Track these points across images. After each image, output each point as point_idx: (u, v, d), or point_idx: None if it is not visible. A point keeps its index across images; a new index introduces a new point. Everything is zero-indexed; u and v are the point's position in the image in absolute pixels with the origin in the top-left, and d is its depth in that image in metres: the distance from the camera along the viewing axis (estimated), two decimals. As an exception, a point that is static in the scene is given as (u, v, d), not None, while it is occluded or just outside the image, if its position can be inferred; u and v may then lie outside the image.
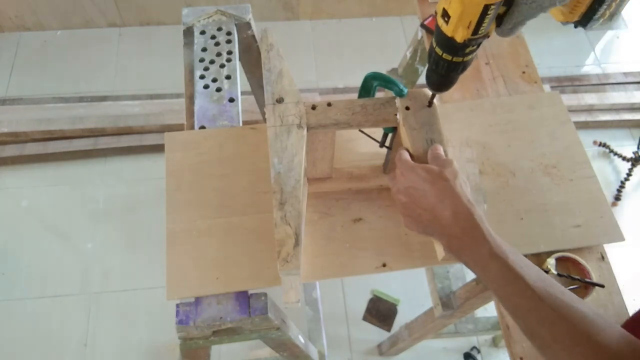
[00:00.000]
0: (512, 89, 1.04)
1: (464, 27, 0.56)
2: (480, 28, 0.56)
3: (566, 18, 0.65)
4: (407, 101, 0.72)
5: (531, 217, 0.87)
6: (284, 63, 0.65)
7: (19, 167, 1.87)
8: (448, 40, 0.59)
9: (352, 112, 0.71)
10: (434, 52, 0.62)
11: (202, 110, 0.91)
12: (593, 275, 0.83)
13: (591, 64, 2.26)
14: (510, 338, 0.80)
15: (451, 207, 0.61)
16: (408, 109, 0.71)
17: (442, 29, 0.59)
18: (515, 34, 0.61)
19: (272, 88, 0.67)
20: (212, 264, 0.78)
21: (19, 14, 2.10)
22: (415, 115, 0.72)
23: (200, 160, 0.87)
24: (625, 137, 0.85)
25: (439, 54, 0.61)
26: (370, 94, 0.75)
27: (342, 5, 2.23)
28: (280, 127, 0.69)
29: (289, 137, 0.69)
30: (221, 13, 1.02)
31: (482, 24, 0.55)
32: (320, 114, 0.71)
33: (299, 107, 0.70)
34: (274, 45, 0.63)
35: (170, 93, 1.97)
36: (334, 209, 0.84)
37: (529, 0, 0.56)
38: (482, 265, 0.59)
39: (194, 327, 0.74)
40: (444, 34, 0.59)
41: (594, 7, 0.63)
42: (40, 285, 1.66)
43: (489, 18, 0.55)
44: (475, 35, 0.57)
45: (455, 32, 0.57)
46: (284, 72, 0.67)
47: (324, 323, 1.54)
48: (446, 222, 0.61)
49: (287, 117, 0.70)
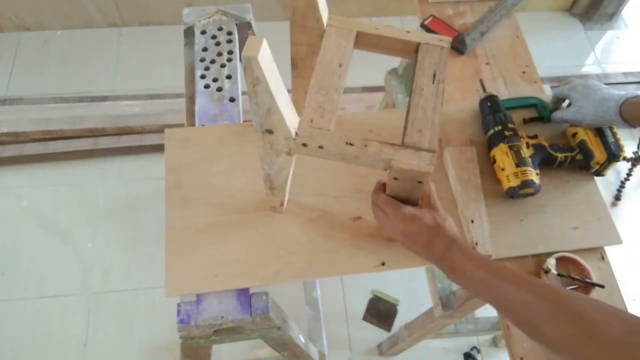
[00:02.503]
0: (512, 89, 1.04)
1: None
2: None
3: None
4: (399, 173, 0.66)
5: (530, 218, 0.87)
6: (273, 100, 0.57)
7: (19, 167, 1.87)
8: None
9: (342, 157, 0.67)
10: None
11: (203, 110, 0.92)
12: (593, 276, 0.83)
13: (591, 64, 2.26)
14: (510, 338, 0.80)
15: (443, 243, 0.68)
16: (396, 180, 0.67)
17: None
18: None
19: (260, 120, 0.61)
20: (211, 262, 0.78)
21: (19, 14, 2.10)
22: (402, 186, 0.69)
23: (200, 157, 0.87)
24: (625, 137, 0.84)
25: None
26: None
27: (342, 6, 2.23)
28: (270, 150, 0.67)
29: (278, 157, 0.68)
30: (222, 13, 1.02)
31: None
32: (311, 151, 0.67)
33: (288, 142, 0.65)
34: (261, 80, 0.53)
35: (170, 93, 1.97)
36: (334, 207, 0.84)
37: None
38: (460, 271, 0.66)
39: (195, 326, 0.74)
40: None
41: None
42: (40, 285, 1.66)
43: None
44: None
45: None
46: (274, 110, 0.59)
47: (324, 323, 1.54)
48: (438, 253, 0.69)
49: (277, 145, 0.66)
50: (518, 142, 0.87)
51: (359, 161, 0.66)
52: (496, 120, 0.89)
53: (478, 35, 1.09)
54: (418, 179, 0.66)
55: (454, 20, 1.14)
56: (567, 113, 0.89)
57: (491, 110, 0.91)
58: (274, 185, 0.75)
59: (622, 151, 0.87)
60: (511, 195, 0.86)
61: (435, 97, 0.69)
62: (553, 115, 0.93)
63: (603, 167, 0.89)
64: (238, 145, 0.88)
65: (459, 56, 1.08)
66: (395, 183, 0.68)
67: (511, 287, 0.61)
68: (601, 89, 0.84)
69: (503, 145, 0.87)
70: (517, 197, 0.87)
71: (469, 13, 1.15)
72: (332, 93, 0.68)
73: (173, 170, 0.86)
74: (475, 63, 1.07)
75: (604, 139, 0.87)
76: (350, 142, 0.64)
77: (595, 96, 0.84)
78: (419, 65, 0.72)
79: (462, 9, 1.15)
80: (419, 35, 0.75)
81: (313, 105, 0.66)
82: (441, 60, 0.72)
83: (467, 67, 1.07)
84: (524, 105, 0.98)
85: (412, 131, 0.66)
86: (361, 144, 0.65)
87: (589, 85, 0.86)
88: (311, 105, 0.67)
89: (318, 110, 0.66)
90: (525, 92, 1.03)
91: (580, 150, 0.89)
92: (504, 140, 0.87)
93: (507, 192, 0.86)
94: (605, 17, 2.36)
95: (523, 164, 0.84)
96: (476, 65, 1.07)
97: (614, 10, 2.33)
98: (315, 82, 0.68)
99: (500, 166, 0.87)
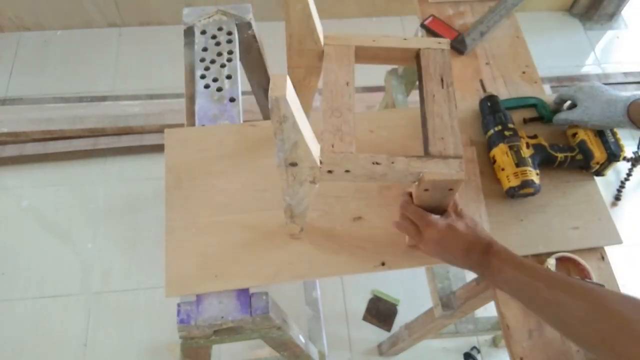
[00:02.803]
0: (512, 89, 1.04)
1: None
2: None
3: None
4: (430, 185, 0.66)
5: (530, 218, 0.87)
6: (300, 135, 0.55)
7: (19, 167, 1.87)
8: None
9: (369, 177, 0.65)
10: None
11: (202, 110, 0.92)
12: (593, 276, 0.83)
13: (591, 64, 2.26)
14: (510, 338, 0.80)
15: (480, 249, 0.69)
16: (427, 191, 0.66)
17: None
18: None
19: (285, 154, 0.59)
20: (211, 262, 0.78)
21: (19, 14, 2.10)
22: (432, 196, 0.68)
23: (200, 157, 0.87)
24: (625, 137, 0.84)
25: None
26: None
27: (342, 6, 2.23)
28: (293, 181, 0.65)
29: (301, 187, 0.67)
30: (222, 13, 1.02)
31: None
32: (337, 176, 0.65)
33: (313, 171, 0.63)
34: (288, 117, 0.52)
35: (170, 93, 1.97)
36: (334, 207, 0.84)
37: None
38: (498, 273, 0.67)
39: (195, 326, 0.74)
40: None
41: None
42: (40, 285, 1.66)
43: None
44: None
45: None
46: (300, 144, 0.57)
47: (324, 323, 1.54)
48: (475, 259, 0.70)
49: (301, 175, 0.64)
50: (518, 142, 0.87)
51: (386, 179, 0.65)
52: (496, 120, 0.89)
53: (478, 35, 1.09)
54: (449, 187, 0.65)
55: (454, 20, 1.14)
56: (573, 114, 0.88)
57: (491, 110, 0.91)
58: (295, 214, 0.73)
59: (622, 151, 0.87)
60: (511, 195, 0.86)
61: (449, 102, 0.69)
62: (556, 117, 0.93)
63: (603, 167, 0.89)
64: (238, 145, 0.88)
65: (459, 56, 1.08)
66: (425, 194, 0.67)
67: (545, 286, 0.61)
68: (608, 90, 0.84)
69: (503, 145, 0.87)
70: (517, 197, 0.87)
71: (469, 13, 1.15)
72: (346, 114, 0.67)
73: (173, 170, 0.86)
74: (475, 63, 1.07)
75: (604, 139, 0.87)
76: (376, 161, 0.63)
77: (603, 97, 0.84)
78: (424, 71, 0.72)
79: (462, 9, 1.15)
80: (417, 40, 0.74)
81: (330, 130, 0.65)
82: (445, 63, 0.72)
83: (467, 67, 1.07)
84: (524, 105, 0.98)
85: (434, 140, 0.65)
86: (388, 161, 0.63)
87: (596, 87, 0.86)
88: (328, 130, 0.65)
89: (337, 134, 0.65)
90: (525, 92, 1.03)
91: (580, 150, 0.89)
92: (504, 140, 0.87)
93: (507, 192, 0.86)
94: (605, 17, 2.36)
95: (523, 164, 0.84)
96: (476, 65, 1.07)
97: (614, 10, 2.33)
98: (326, 105, 0.67)
99: (500, 166, 0.87)
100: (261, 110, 1.32)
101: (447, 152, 0.65)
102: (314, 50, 0.73)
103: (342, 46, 0.73)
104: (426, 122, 0.67)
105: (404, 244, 0.81)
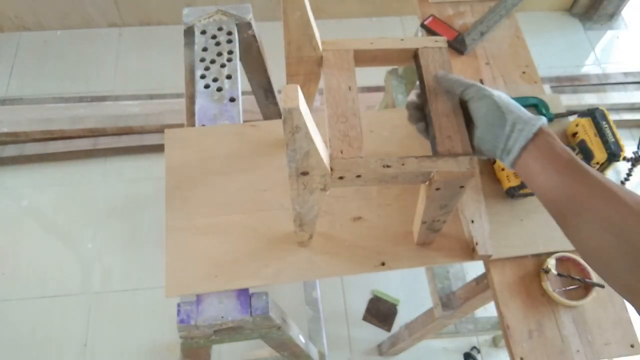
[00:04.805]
0: (512, 89, 1.04)
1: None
2: None
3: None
4: (441, 183, 0.65)
5: (530, 218, 0.87)
6: (312, 144, 0.56)
7: (19, 167, 1.87)
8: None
9: (380, 181, 0.65)
10: None
11: (202, 110, 0.92)
12: (593, 276, 0.83)
13: (591, 64, 2.26)
14: (510, 338, 0.80)
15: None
16: (438, 190, 0.66)
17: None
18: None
19: (296, 165, 0.59)
20: (211, 262, 0.78)
21: (19, 14, 2.10)
22: (444, 195, 0.68)
23: (200, 157, 0.87)
24: (625, 137, 0.85)
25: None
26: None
27: (342, 5, 2.23)
28: (304, 190, 0.65)
29: (312, 195, 0.67)
30: (222, 13, 1.02)
31: None
32: (348, 182, 0.65)
33: (324, 179, 0.63)
34: (301, 128, 0.52)
35: (170, 93, 1.97)
36: (334, 207, 0.84)
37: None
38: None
39: (195, 326, 0.74)
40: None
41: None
42: (40, 285, 1.66)
43: None
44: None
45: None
46: (312, 153, 0.57)
47: (324, 323, 1.54)
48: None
49: (312, 184, 0.64)
50: (518, 142, 0.86)
51: (397, 180, 0.65)
52: (496, 120, 0.89)
53: (478, 35, 1.09)
54: (460, 184, 0.65)
55: (454, 20, 1.14)
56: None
57: (491, 110, 0.91)
58: (304, 222, 0.73)
59: (622, 151, 0.87)
60: (511, 195, 0.86)
61: (452, 100, 0.69)
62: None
63: (603, 167, 0.89)
64: (238, 145, 0.88)
65: (459, 56, 1.08)
66: (436, 194, 0.67)
67: (598, 227, 0.55)
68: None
69: (503, 145, 0.86)
70: (517, 197, 0.87)
71: (469, 13, 1.15)
72: (352, 119, 0.66)
73: (173, 170, 0.86)
74: (475, 63, 1.08)
75: (604, 139, 0.87)
76: (387, 164, 0.63)
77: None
78: (424, 70, 0.72)
79: (462, 9, 1.15)
80: (414, 40, 0.74)
81: (337, 136, 0.65)
82: (444, 61, 0.72)
83: (467, 67, 1.07)
84: (524, 105, 0.97)
85: (442, 139, 0.65)
86: (398, 163, 0.63)
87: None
88: (335, 137, 0.65)
89: (344, 140, 0.65)
90: (525, 92, 1.03)
91: (580, 150, 0.89)
92: (504, 140, 0.87)
93: (507, 192, 0.86)
94: (605, 17, 2.36)
95: (523, 164, 0.84)
96: (476, 65, 1.07)
97: (614, 10, 2.33)
98: (331, 111, 0.67)
99: (500, 166, 0.87)
100: (261, 110, 1.32)
101: (456, 149, 0.65)
102: (312, 57, 0.73)
103: (340, 51, 0.73)
104: (432, 121, 0.67)
105: (404, 243, 0.81)
